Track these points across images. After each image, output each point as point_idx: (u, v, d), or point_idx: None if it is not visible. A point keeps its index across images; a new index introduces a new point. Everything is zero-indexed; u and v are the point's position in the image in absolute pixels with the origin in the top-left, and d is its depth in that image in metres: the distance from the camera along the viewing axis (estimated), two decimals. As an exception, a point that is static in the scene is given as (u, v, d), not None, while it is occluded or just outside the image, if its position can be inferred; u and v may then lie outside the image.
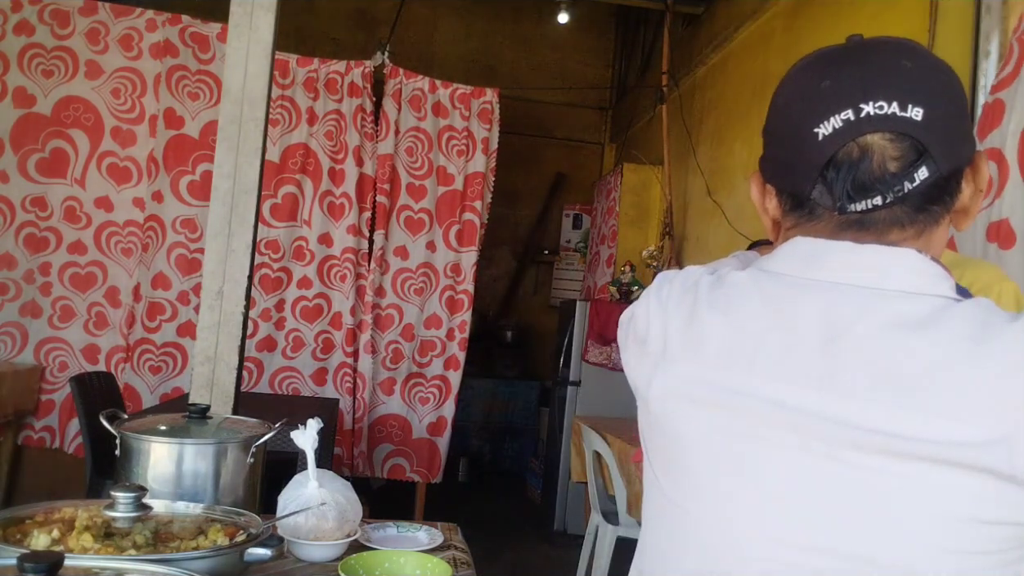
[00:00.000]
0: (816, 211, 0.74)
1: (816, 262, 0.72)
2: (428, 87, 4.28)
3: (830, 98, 0.71)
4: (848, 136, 0.70)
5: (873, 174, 0.70)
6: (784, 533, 0.68)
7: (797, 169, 0.75)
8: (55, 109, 3.87)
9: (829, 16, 3.54)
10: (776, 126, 0.78)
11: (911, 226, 0.72)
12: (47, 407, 3.89)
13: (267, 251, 4.06)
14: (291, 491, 1.45)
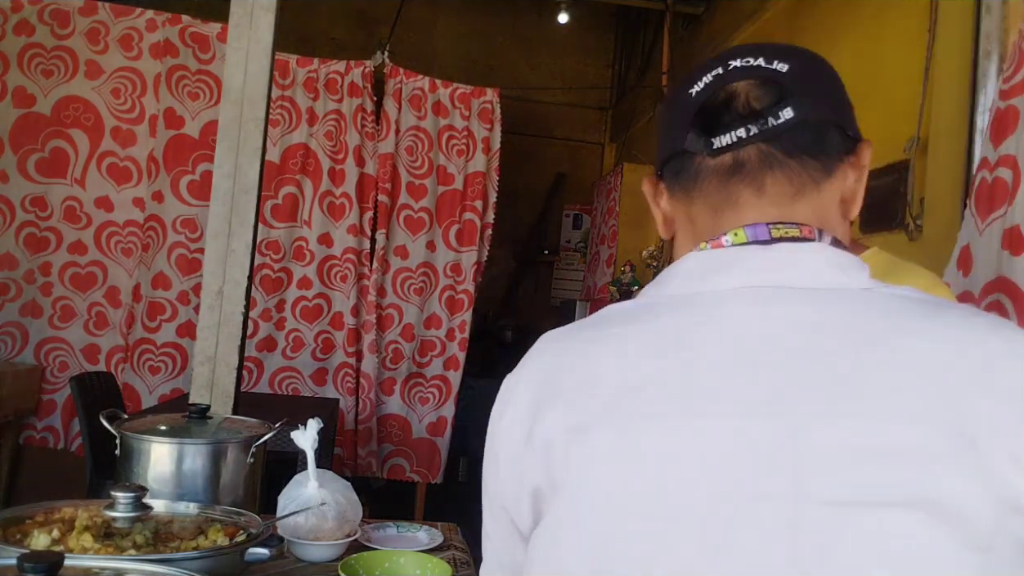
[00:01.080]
0: (691, 166, 0.72)
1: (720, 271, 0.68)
2: (428, 87, 4.28)
3: (704, 66, 0.73)
4: (716, 85, 0.71)
5: (737, 111, 0.69)
6: None
7: (674, 129, 0.74)
8: (55, 109, 3.87)
9: (829, 16, 3.54)
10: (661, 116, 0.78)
11: (785, 176, 0.69)
12: (49, 407, 3.89)
13: (268, 251, 4.06)
14: (291, 491, 1.45)
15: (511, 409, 0.70)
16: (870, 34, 3.20)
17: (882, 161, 2.95)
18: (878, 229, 2.95)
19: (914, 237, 2.69)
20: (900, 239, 2.79)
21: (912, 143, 2.71)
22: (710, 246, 0.70)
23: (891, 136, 2.89)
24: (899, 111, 2.86)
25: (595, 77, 7.02)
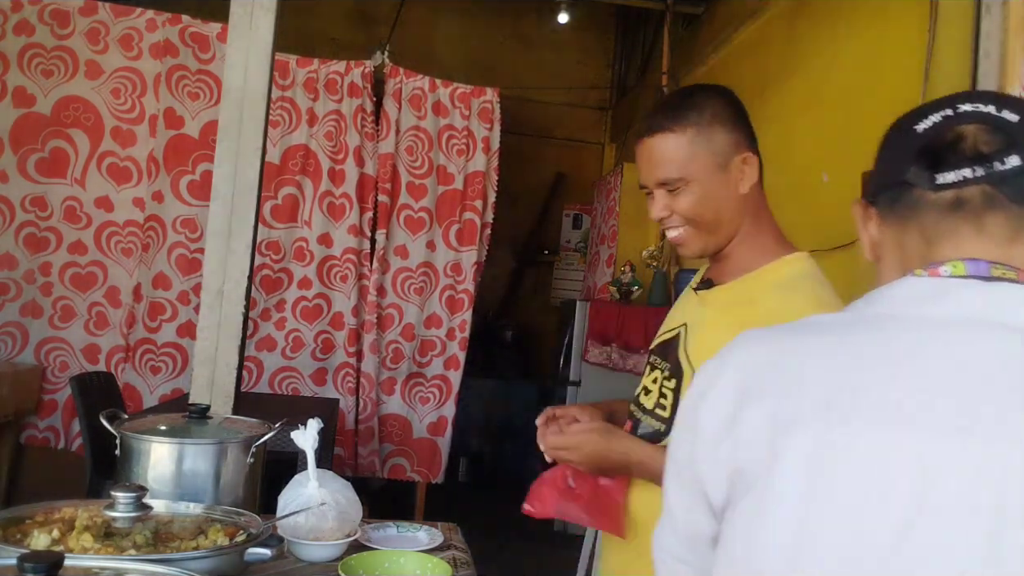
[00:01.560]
0: (910, 197, 0.77)
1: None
2: (428, 86, 4.28)
3: (931, 105, 0.80)
4: (944, 126, 0.76)
5: (964, 152, 0.73)
6: None
7: (895, 161, 0.80)
8: (55, 109, 3.87)
9: (829, 16, 3.54)
10: (878, 154, 0.84)
11: (1006, 219, 0.73)
12: (50, 407, 3.89)
13: (268, 252, 4.06)
14: (291, 491, 1.45)
15: (714, 392, 0.77)
16: (870, 34, 3.20)
17: (882, 161, 2.95)
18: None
19: (914, 237, 2.68)
20: (900, 239, 2.78)
21: (912, 143, 2.71)
22: (927, 274, 0.75)
23: (891, 136, 2.90)
24: (899, 111, 2.86)
25: (595, 77, 7.02)
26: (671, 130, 1.30)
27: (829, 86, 3.50)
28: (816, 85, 3.63)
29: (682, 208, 1.31)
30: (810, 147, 3.64)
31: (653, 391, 1.39)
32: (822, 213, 3.43)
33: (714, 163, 1.30)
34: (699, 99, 1.33)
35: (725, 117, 1.33)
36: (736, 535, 0.72)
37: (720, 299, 1.35)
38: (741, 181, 1.32)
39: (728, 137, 1.32)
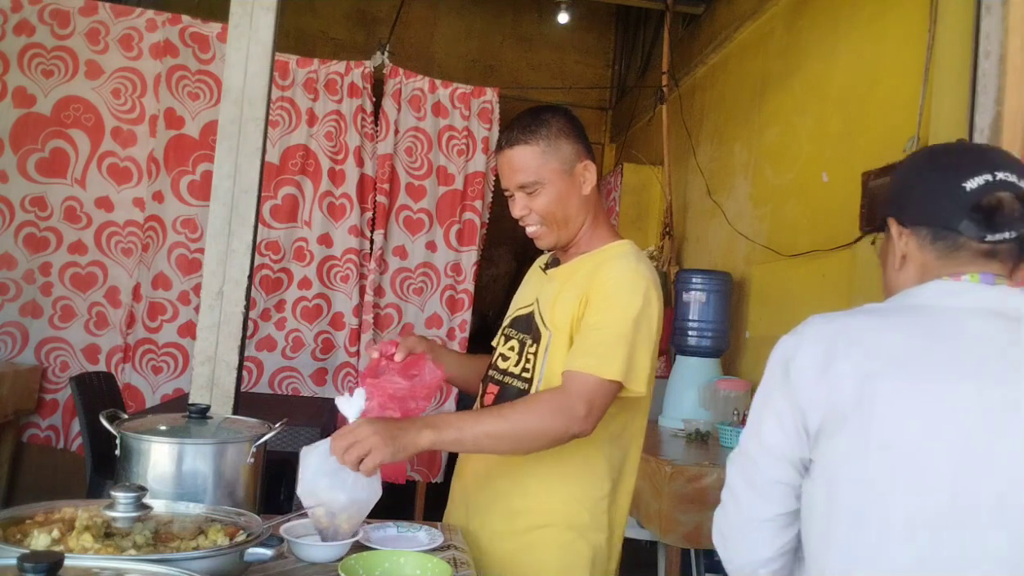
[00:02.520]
0: (959, 241, 1.09)
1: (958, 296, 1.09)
2: (428, 87, 4.28)
3: (972, 165, 1.09)
4: (988, 190, 1.06)
5: (1006, 217, 1.06)
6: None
7: (947, 211, 1.09)
8: (55, 109, 3.87)
9: (829, 16, 3.54)
10: (920, 189, 1.14)
11: (1011, 258, 1.10)
12: (51, 407, 3.90)
13: (268, 252, 4.06)
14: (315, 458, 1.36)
15: (802, 353, 1.08)
16: (870, 34, 3.20)
17: (882, 161, 2.95)
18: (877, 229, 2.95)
19: (914, 237, 2.69)
20: (900, 239, 2.79)
21: (912, 143, 2.71)
22: (951, 279, 1.09)
23: (891, 136, 2.90)
24: (899, 111, 2.86)
25: (595, 77, 7.02)
26: (526, 142, 1.58)
27: (829, 86, 3.50)
28: (816, 85, 3.63)
29: (538, 207, 1.60)
30: (810, 147, 3.64)
31: (512, 357, 1.63)
32: (822, 213, 3.43)
33: (561, 169, 1.58)
34: (546, 117, 1.59)
35: (568, 131, 1.60)
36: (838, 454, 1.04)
37: (563, 274, 1.64)
38: (584, 184, 1.61)
39: (571, 148, 1.59)
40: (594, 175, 1.62)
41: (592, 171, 1.62)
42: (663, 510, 2.74)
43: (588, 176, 1.61)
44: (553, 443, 1.44)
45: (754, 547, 1.14)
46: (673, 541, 2.78)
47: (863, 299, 3.23)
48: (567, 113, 1.64)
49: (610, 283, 1.51)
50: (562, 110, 1.64)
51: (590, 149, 1.65)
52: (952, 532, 0.98)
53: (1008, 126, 2.19)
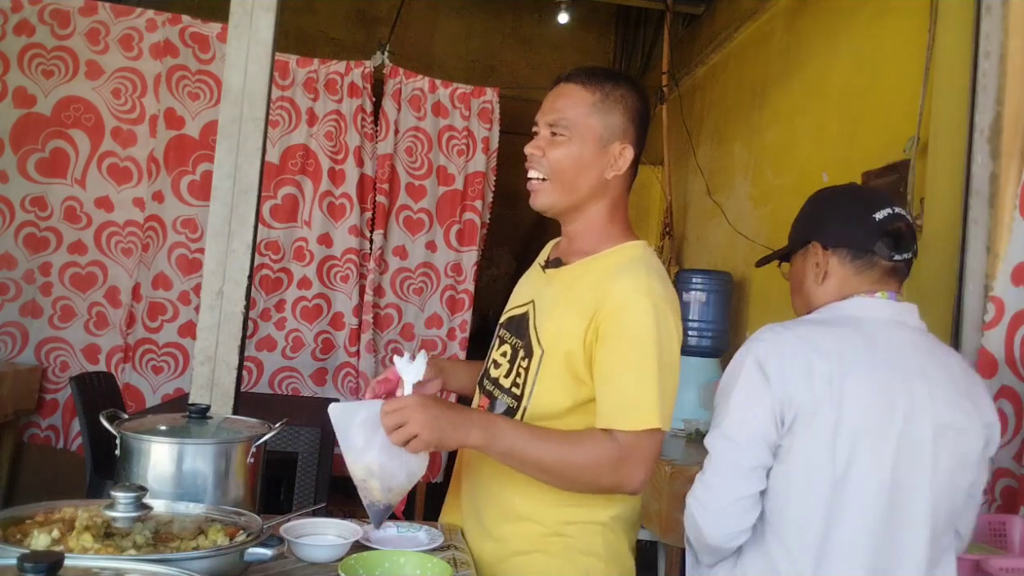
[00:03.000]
0: (873, 260, 1.43)
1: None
2: (428, 87, 4.28)
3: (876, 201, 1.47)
4: (892, 220, 1.42)
5: (907, 240, 1.42)
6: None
7: (863, 236, 1.42)
8: (55, 109, 3.87)
9: (829, 16, 3.54)
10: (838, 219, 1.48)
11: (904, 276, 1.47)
12: (51, 407, 3.90)
13: (267, 252, 4.06)
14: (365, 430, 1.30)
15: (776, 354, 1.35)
16: (870, 34, 3.20)
17: (882, 161, 2.95)
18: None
19: (914, 237, 2.69)
20: (900, 239, 2.79)
21: (912, 143, 2.71)
22: (867, 296, 1.43)
23: (891, 136, 2.90)
24: (899, 111, 2.86)
25: (595, 77, 7.01)
26: (585, 85, 1.45)
27: (829, 86, 3.50)
28: (816, 85, 3.63)
29: (552, 155, 1.43)
30: (810, 147, 3.64)
31: (503, 365, 1.50)
32: (822, 213, 3.43)
33: (597, 135, 1.42)
34: (621, 82, 1.46)
35: (629, 106, 1.45)
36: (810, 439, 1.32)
37: (564, 279, 1.47)
38: (611, 166, 1.43)
39: (621, 122, 1.43)
40: (627, 165, 1.45)
41: (627, 159, 1.44)
42: (663, 510, 2.75)
43: (620, 161, 1.44)
44: (601, 493, 1.39)
45: (735, 521, 1.36)
46: (673, 541, 2.78)
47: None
48: (642, 94, 1.48)
49: (626, 314, 1.35)
50: (640, 88, 1.49)
51: (640, 141, 1.47)
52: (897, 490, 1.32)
53: (1008, 126, 2.19)
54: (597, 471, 1.32)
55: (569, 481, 1.34)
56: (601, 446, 1.32)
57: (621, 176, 1.45)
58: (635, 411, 1.32)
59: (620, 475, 1.31)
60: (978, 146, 2.22)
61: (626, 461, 1.31)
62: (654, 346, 1.33)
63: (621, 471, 1.31)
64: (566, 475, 1.33)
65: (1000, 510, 1.98)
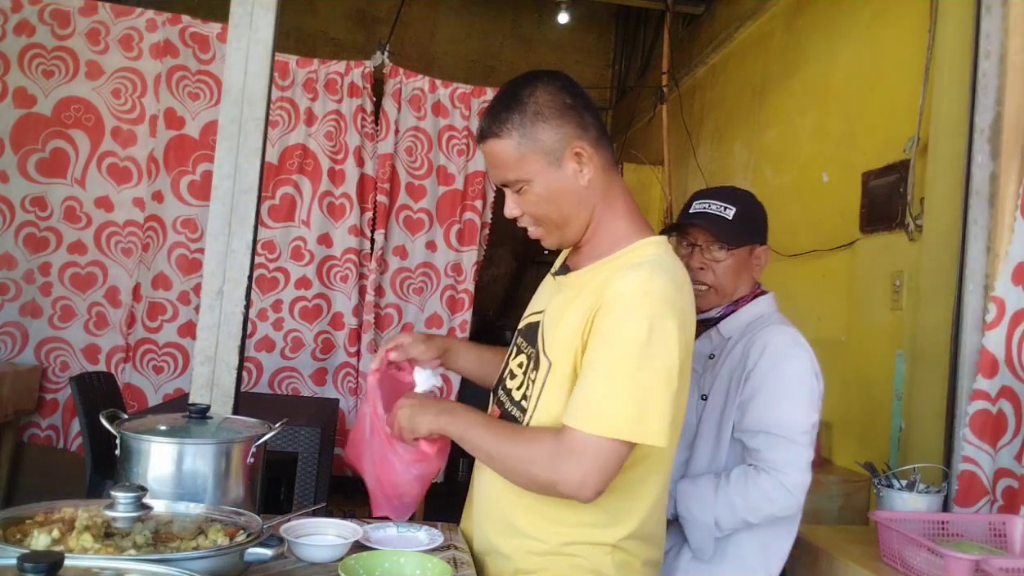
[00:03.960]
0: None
1: None
2: (428, 87, 4.28)
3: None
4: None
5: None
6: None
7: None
8: (55, 109, 3.87)
9: (829, 16, 3.54)
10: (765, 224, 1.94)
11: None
12: (51, 406, 3.90)
13: (263, 251, 4.05)
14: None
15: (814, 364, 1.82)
16: (870, 34, 3.20)
17: (882, 161, 2.95)
18: (878, 229, 2.95)
19: (914, 237, 2.69)
20: (900, 239, 2.79)
21: (912, 143, 2.71)
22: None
23: (891, 136, 2.90)
24: (899, 111, 2.86)
25: (595, 77, 7.02)
26: (497, 135, 1.32)
27: (829, 86, 3.50)
28: (816, 85, 3.63)
29: (528, 208, 1.35)
30: (810, 147, 3.64)
31: (518, 376, 1.44)
32: (822, 213, 3.43)
33: (546, 161, 1.31)
34: (522, 96, 1.32)
35: (549, 112, 1.31)
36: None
37: (574, 284, 1.38)
38: (580, 173, 1.32)
39: (554, 132, 1.30)
40: (593, 160, 1.33)
41: (588, 156, 1.32)
42: (663, 510, 2.74)
43: (585, 162, 1.32)
44: (541, 492, 1.29)
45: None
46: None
47: (862, 299, 3.24)
48: (550, 82, 1.33)
49: (614, 309, 1.24)
50: (543, 79, 1.34)
51: (588, 125, 1.33)
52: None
53: (1008, 126, 2.19)
54: (531, 464, 1.25)
55: (510, 472, 1.31)
56: (540, 439, 1.26)
57: (596, 174, 1.34)
58: (595, 413, 1.21)
59: (553, 471, 1.22)
60: (978, 146, 2.22)
61: (562, 457, 1.21)
62: (637, 349, 1.21)
63: (555, 467, 1.21)
64: (507, 465, 1.30)
65: (1002, 510, 1.98)
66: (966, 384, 2.16)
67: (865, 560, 1.85)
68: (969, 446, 2.04)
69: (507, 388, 1.47)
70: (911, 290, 2.68)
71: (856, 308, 3.09)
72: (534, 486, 1.28)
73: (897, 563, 1.77)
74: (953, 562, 1.60)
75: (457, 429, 1.36)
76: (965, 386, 2.17)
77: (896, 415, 2.70)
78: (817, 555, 1.98)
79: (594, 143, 1.33)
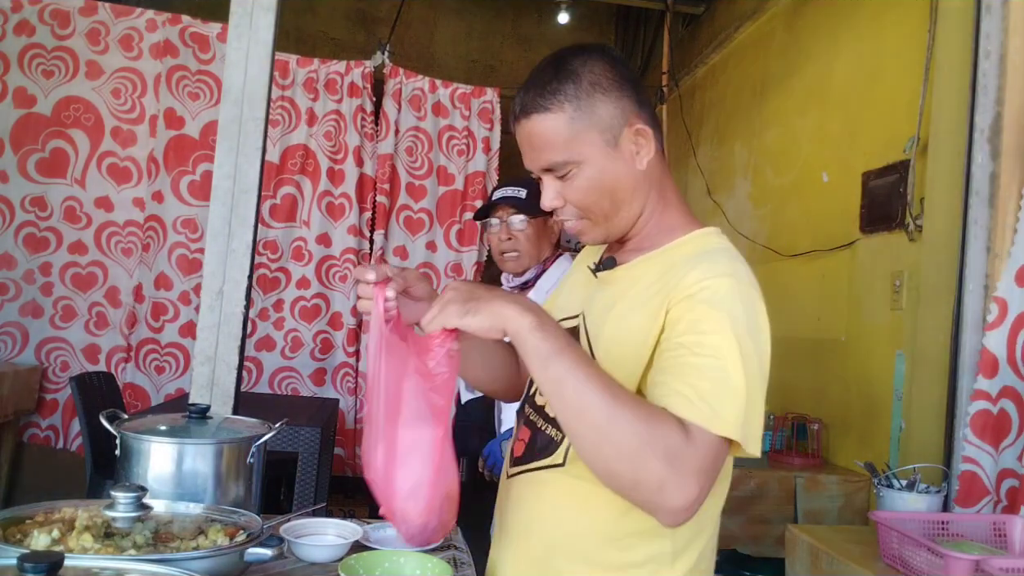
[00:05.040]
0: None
1: None
2: (428, 87, 4.28)
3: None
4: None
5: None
6: None
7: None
8: (55, 109, 3.87)
9: (829, 16, 3.54)
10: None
11: None
12: (51, 407, 3.90)
13: (265, 251, 4.06)
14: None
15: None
16: (870, 34, 3.20)
17: (882, 161, 2.95)
18: (878, 229, 2.95)
19: (914, 237, 2.69)
20: (900, 239, 2.79)
21: (912, 143, 2.71)
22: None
23: (891, 136, 2.90)
24: (899, 111, 2.86)
25: (595, 77, 7.01)
26: (547, 109, 1.12)
27: (829, 86, 3.50)
28: (816, 85, 3.62)
29: (575, 197, 1.14)
30: (810, 147, 3.63)
31: None
32: (822, 213, 3.43)
33: (602, 140, 1.12)
34: (575, 66, 1.13)
35: (608, 83, 1.13)
36: None
37: (622, 279, 1.18)
38: (637, 155, 1.14)
39: (614, 107, 1.13)
40: (651, 141, 1.15)
41: (648, 135, 1.15)
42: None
43: (643, 143, 1.14)
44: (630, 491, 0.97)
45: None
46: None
47: (862, 299, 3.23)
48: (604, 54, 1.16)
49: (706, 293, 1.03)
50: (597, 51, 1.17)
51: (644, 102, 1.16)
52: None
53: (1008, 126, 2.19)
54: (646, 449, 0.93)
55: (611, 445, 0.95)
56: (668, 424, 0.95)
57: (654, 157, 1.16)
58: (715, 406, 0.96)
59: (670, 474, 0.93)
60: (978, 146, 2.22)
61: (685, 461, 0.93)
62: (735, 339, 0.99)
63: (675, 470, 0.93)
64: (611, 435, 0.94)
65: (1006, 511, 1.98)
66: (966, 384, 2.16)
67: (865, 560, 1.85)
68: (970, 446, 2.04)
69: (538, 405, 1.21)
70: (911, 290, 2.68)
71: (856, 308, 3.09)
72: (630, 481, 0.96)
73: (897, 563, 1.77)
74: (953, 562, 1.60)
75: (554, 343, 0.98)
76: (965, 386, 2.17)
77: (896, 415, 2.70)
78: (817, 555, 1.98)
79: (651, 121, 1.17)
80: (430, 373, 1.02)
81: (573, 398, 0.97)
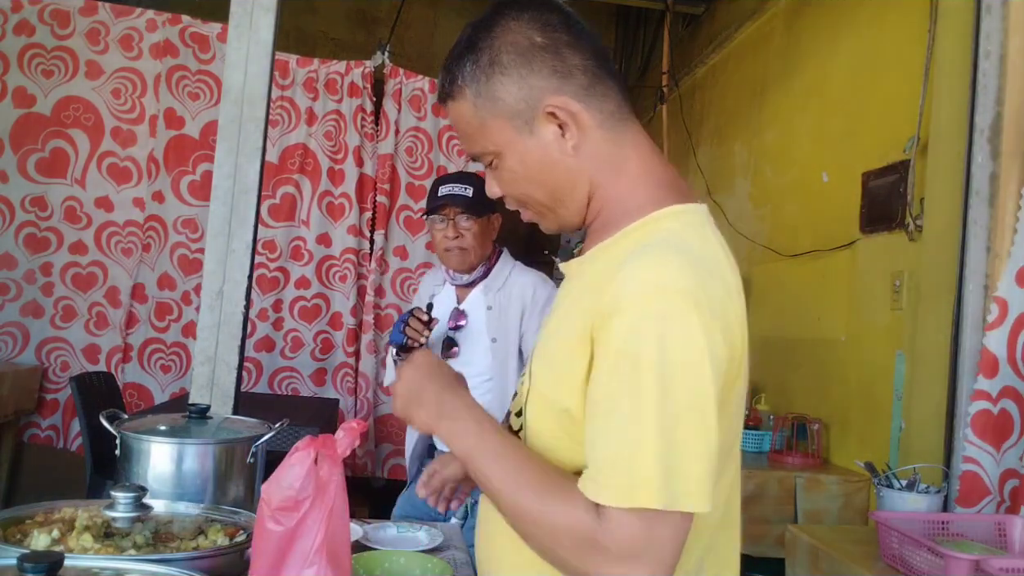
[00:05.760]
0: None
1: None
2: (428, 87, 4.28)
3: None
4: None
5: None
6: None
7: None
8: (55, 109, 3.86)
9: (829, 16, 3.54)
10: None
11: None
12: (51, 407, 3.90)
13: (264, 251, 4.05)
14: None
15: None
16: (870, 34, 3.20)
17: (882, 161, 2.95)
18: (878, 229, 2.95)
19: (914, 237, 2.69)
20: (900, 239, 2.79)
21: (912, 143, 2.71)
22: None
23: (891, 136, 2.90)
24: (899, 111, 2.86)
25: (595, 77, 7.00)
26: (451, 96, 1.00)
27: (829, 86, 3.50)
28: (816, 85, 3.62)
29: (506, 188, 1.02)
30: (810, 147, 3.63)
31: (519, 395, 1.08)
32: (822, 213, 3.43)
33: (512, 127, 0.96)
34: (478, 36, 1.00)
35: (510, 59, 0.96)
36: None
37: (578, 273, 1.04)
38: (563, 137, 0.96)
39: (517, 88, 0.95)
40: (579, 118, 0.96)
41: (572, 112, 0.95)
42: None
43: (568, 123, 0.95)
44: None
45: None
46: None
47: (862, 299, 3.23)
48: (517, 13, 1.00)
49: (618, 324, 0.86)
50: (510, 8, 1.01)
51: (571, 70, 0.96)
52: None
53: (1008, 126, 2.19)
54: (556, 540, 0.86)
55: (526, 535, 0.90)
56: (572, 509, 0.85)
57: (588, 134, 0.97)
58: (624, 475, 0.83)
59: (591, 567, 0.83)
60: (978, 146, 2.22)
61: (602, 549, 0.82)
62: (654, 376, 0.82)
63: (593, 562, 0.83)
64: (521, 524, 0.90)
65: (1008, 511, 1.97)
66: (966, 384, 2.16)
67: (865, 560, 1.85)
68: (971, 446, 2.04)
69: (513, 430, 1.08)
70: (911, 290, 2.68)
71: (856, 308, 3.09)
72: (559, 566, 0.88)
73: (897, 563, 1.77)
74: (953, 562, 1.60)
75: (462, 445, 0.95)
76: (965, 386, 2.17)
77: (896, 415, 2.70)
78: (817, 555, 1.98)
79: (582, 93, 0.96)
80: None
81: (491, 494, 0.93)
